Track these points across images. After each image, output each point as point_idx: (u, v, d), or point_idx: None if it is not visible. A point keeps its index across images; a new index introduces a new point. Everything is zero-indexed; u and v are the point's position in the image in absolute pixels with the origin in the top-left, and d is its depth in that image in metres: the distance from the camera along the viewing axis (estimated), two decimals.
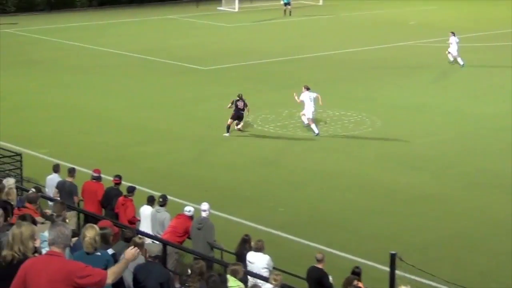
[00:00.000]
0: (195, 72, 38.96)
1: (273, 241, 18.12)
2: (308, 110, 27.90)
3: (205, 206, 16.44)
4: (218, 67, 40.12)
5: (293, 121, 29.36)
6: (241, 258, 14.78)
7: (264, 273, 14.08)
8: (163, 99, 33.51)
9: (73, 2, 63.40)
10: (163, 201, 17.18)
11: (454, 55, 40.21)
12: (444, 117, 30.81)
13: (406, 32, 51.68)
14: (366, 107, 31.49)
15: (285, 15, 59.93)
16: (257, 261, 14.44)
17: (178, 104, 32.53)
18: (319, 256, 14.51)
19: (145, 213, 17.36)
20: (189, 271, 11.08)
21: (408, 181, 23.51)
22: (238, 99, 27.57)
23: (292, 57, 42.88)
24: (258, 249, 14.58)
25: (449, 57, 40.38)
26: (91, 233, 9.65)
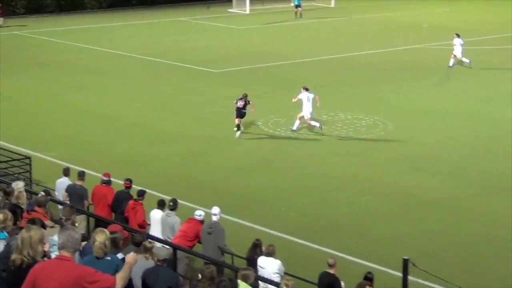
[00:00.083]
0: (205, 75, 38.87)
1: (284, 245, 17.98)
2: (306, 111, 27.97)
3: (215, 210, 16.34)
4: (229, 69, 40.03)
5: (305, 124, 29.19)
6: (252, 263, 14.69)
7: (275, 278, 14.01)
8: (174, 101, 33.44)
9: (83, 4, 63.43)
10: (173, 205, 17.07)
11: (459, 57, 39.88)
12: (458, 120, 30.59)
13: (419, 34, 51.45)
14: (379, 110, 31.31)
15: (296, 17, 59.78)
16: (268, 266, 14.38)
17: (188, 107, 32.44)
18: (331, 261, 14.46)
19: (155, 217, 17.25)
20: (199, 276, 11.00)
21: (422, 185, 23.32)
22: (240, 98, 27.94)
23: (303, 59, 42.76)
24: (269, 253, 14.54)
25: (450, 62, 39.80)
26: (101, 237, 9.53)
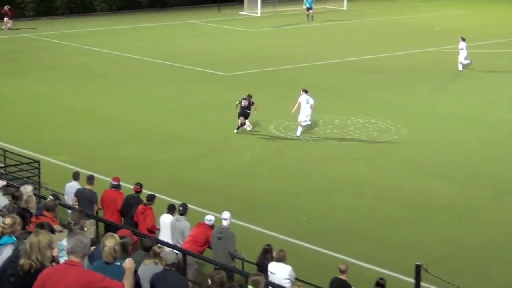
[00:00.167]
0: (216, 78, 38.77)
1: (295, 251, 17.88)
2: (302, 113, 27.87)
3: (226, 215, 16.26)
4: (240, 73, 39.90)
5: (316, 128, 29.05)
6: (262, 268, 14.62)
7: (286, 284, 13.96)
8: (184, 105, 33.36)
9: (93, 7, 63.34)
10: (183, 209, 16.97)
11: (460, 60, 39.70)
12: (471, 124, 30.43)
13: (431, 38, 51.23)
14: (391, 114, 31.14)
15: (308, 20, 59.65)
16: (279, 271, 14.31)
17: (198, 110, 32.34)
18: (342, 267, 14.40)
19: (165, 221, 17.15)
20: (209, 281, 10.92)
21: (434, 189, 23.15)
22: (244, 98, 28.22)
23: (315, 63, 42.61)
24: (280, 259, 14.48)
25: (459, 66, 39.80)
26: (111, 242, 9.43)
